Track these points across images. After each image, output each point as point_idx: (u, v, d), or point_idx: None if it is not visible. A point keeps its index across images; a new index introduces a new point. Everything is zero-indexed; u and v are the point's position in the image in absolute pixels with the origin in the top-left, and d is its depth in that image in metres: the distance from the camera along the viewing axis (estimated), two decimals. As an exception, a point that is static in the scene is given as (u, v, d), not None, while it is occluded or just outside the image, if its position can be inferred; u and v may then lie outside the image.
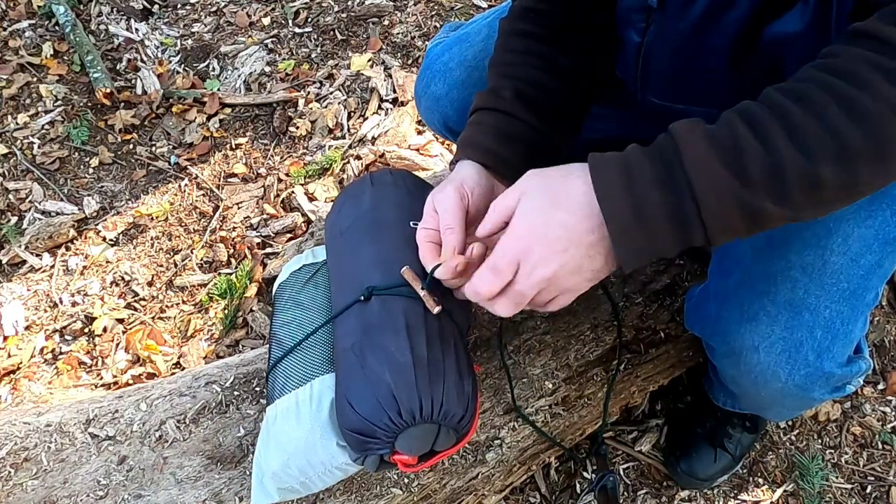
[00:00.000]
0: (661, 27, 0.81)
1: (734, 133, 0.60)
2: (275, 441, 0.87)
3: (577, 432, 1.15)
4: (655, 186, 0.61)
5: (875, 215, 0.85)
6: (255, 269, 1.69)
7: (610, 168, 0.64)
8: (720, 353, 0.92)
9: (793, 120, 0.59)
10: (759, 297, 0.85)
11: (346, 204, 0.97)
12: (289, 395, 0.88)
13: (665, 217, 0.62)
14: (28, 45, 2.19)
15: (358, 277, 0.85)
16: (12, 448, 0.99)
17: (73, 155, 1.97)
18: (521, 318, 1.13)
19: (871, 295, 0.87)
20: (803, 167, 0.59)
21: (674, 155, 0.61)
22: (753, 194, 0.60)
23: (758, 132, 0.60)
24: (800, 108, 0.59)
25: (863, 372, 0.91)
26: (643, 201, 0.62)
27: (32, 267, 1.74)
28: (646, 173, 0.62)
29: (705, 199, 0.60)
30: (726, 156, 0.60)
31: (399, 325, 0.79)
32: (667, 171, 0.61)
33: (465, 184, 0.80)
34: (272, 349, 0.97)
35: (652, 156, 0.63)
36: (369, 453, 0.81)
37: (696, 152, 0.60)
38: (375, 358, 0.78)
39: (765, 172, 0.59)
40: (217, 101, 2.06)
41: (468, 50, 1.09)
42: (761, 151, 0.59)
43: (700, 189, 0.60)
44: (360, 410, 0.77)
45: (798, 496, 1.33)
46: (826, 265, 0.84)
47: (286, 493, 0.89)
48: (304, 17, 2.25)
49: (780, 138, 0.59)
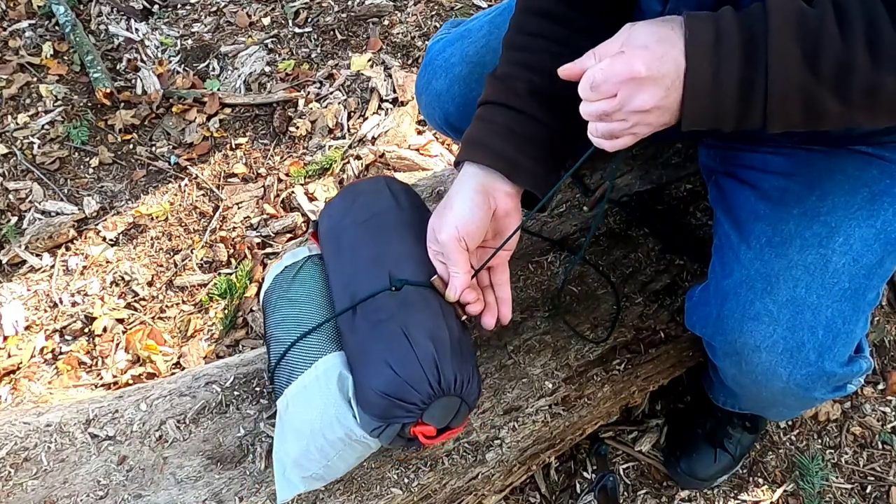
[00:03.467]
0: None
1: (822, 23, 0.64)
2: (291, 428, 0.89)
3: (577, 432, 1.15)
4: (738, 57, 0.66)
5: (877, 215, 0.84)
6: (255, 269, 1.69)
7: (704, 27, 0.67)
8: (721, 352, 0.92)
9: (876, 25, 0.63)
10: (761, 297, 0.85)
11: (360, 197, 1.01)
12: (296, 382, 0.90)
13: (736, 86, 0.66)
14: (28, 45, 2.19)
15: (383, 266, 0.90)
16: (12, 448, 0.99)
17: (73, 155, 1.97)
18: (520, 318, 1.13)
19: (872, 294, 0.86)
20: (870, 72, 0.63)
21: (761, 34, 0.65)
22: (820, 88, 0.65)
23: (843, 28, 0.63)
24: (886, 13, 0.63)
25: (864, 371, 0.91)
26: (722, 67, 0.66)
27: (32, 267, 1.74)
28: (732, 39, 0.66)
29: (775, 83, 0.65)
30: (806, 46, 0.64)
31: (435, 308, 0.87)
32: (751, 46, 0.65)
33: (462, 226, 0.82)
34: (271, 348, 0.98)
35: (742, 27, 0.66)
36: (393, 422, 0.83)
37: (781, 38, 0.64)
38: (418, 330, 0.84)
39: (836, 68, 0.64)
40: (217, 101, 2.06)
41: (470, 46, 1.09)
42: (840, 48, 0.63)
43: (773, 75, 0.65)
44: (401, 373, 0.81)
45: (798, 496, 1.33)
46: (828, 264, 0.83)
47: (310, 481, 0.91)
48: (304, 17, 2.25)
49: (859, 39, 0.63)
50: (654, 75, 0.67)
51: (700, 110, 0.68)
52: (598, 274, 1.17)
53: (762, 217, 0.87)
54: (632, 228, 1.23)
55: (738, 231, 0.89)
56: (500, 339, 1.10)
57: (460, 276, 0.85)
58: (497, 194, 0.85)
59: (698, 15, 0.68)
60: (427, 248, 0.89)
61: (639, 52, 0.67)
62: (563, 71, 0.73)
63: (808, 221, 0.84)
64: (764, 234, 0.86)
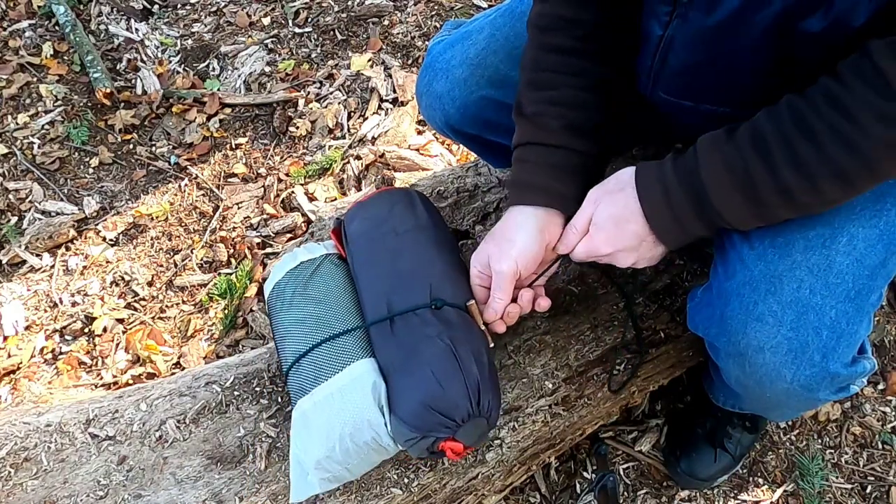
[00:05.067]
0: (685, 20, 0.80)
1: (746, 163, 0.75)
2: (317, 430, 0.89)
3: (577, 432, 1.15)
4: (689, 203, 0.80)
5: (880, 215, 0.84)
6: (255, 269, 1.69)
7: (653, 191, 0.82)
8: (725, 354, 0.92)
9: (791, 144, 0.72)
10: (765, 298, 0.84)
11: (398, 207, 1.03)
12: (325, 384, 0.90)
13: (701, 226, 0.82)
14: (28, 45, 2.19)
15: (425, 281, 0.94)
16: (12, 448, 0.99)
17: (73, 155, 1.97)
18: (520, 318, 1.13)
19: (875, 295, 0.86)
20: (806, 186, 0.73)
21: (702, 189, 0.78)
22: (770, 210, 0.77)
23: (765, 158, 0.74)
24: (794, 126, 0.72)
25: (867, 372, 0.91)
26: (681, 218, 0.81)
27: (32, 267, 1.74)
28: (681, 199, 0.80)
29: (731, 218, 0.79)
30: (743, 189, 0.76)
31: (476, 331, 0.93)
32: (696, 197, 0.79)
33: (522, 262, 0.91)
34: (287, 344, 0.96)
35: (682, 182, 0.80)
36: (430, 435, 0.85)
37: (719, 192, 0.77)
38: (465, 351, 0.88)
39: (776, 194, 0.75)
40: (217, 101, 2.06)
41: (471, 48, 1.09)
42: (771, 179, 0.74)
43: (725, 214, 0.79)
44: (448, 390, 0.85)
45: (798, 496, 1.33)
46: (832, 265, 0.83)
47: (327, 483, 0.91)
48: (304, 17, 2.25)
49: (783, 163, 0.73)
50: (619, 249, 0.86)
51: (676, 241, 0.85)
52: (603, 276, 1.17)
53: None
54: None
55: (741, 232, 0.89)
56: (500, 339, 1.10)
57: (502, 303, 0.93)
58: (551, 228, 0.92)
59: (646, 173, 0.83)
60: (468, 271, 0.97)
61: (600, 235, 0.86)
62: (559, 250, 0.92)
63: (812, 222, 0.84)
64: (767, 235, 0.86)
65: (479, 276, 0.95)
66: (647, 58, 0.89)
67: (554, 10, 0.92)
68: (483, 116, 1.09)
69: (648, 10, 0.85)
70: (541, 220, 0.91)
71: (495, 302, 0.93)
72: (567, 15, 0.91)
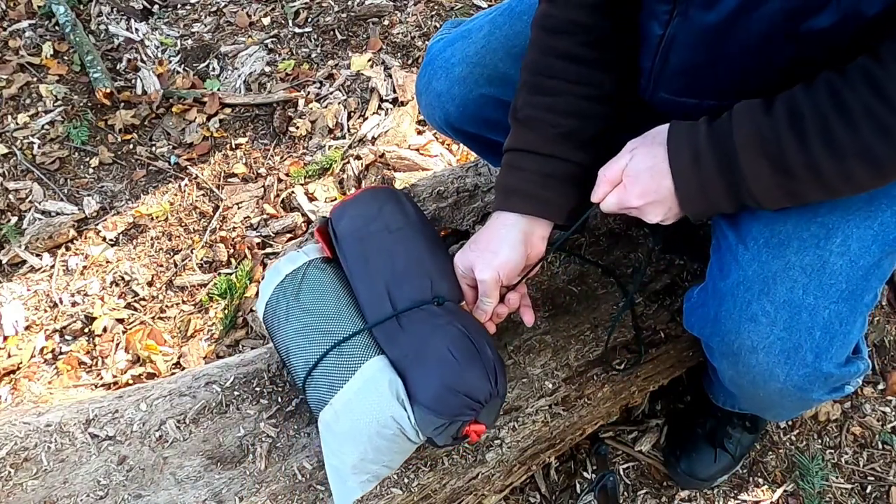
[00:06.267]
0: (686, 19, 0.79)
1: (779, 134, 0.74)
2: (345, 437, 0.90)
3: (577, 432, 1.15)
4: (717, 172, 0.78)
5: (874, 216, 0.84)
6: (255, 269, 1.69)
7: (683, 151, 0.80)
8: (719, 353, 0.92)
9: (827, 122, 0.71)
10: (759, 298, 0.85)
11: (387, 205, 1.03)
12: (341, 392, 0.90)
13: (724, 194, 0.79)
14: (28, 45, 2.19)
15: (426, 276, 0.95)
16: (12, 448, 0.99)
17: (73, 155, 1.97)
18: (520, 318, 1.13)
19: (869, 296, 0.86)
20: (835, 166, 0.72)
21: (732, 152, 0.76)
22: (796, 184, 0.75)
23: (799, 132, 0.72)
24: (838, 115, 0.71)
25: (861, 372, 0.91)
26: (708, 183, 0.79)
27: (32, 267, 1.74)
28: (710, 163, 0.78)
29: (757, 189, 0.77)
30: (772, 158, 0.74)
31: (478, 323, 0.95)
32: (725, 162, 0.77)
33: (504, 270, 0.91)
34: (295, 358, 0.96)
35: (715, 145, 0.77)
36: (457, 420, 0.87)
37: (748, 155, 0.75)
38: (477, 338, 0.90)
39: (804, 169, 0.73)
40: (217, 101, 2.06)
41: (470, 46, 1.09)
42: (801, 154, 0.73)
43: (752, 182, 0.76)
44: (469, 371, 0.87)
45: (798, 496, 1.33)
46: (825, 265, 0.83)
47: (367, 483, 0.93)
48: (304, 17, 2.25)
49: (815, 140, 0.72)
50: (650, 202, 0.83)
51: (697, 210, 0.82)
52: (606, 274, 1.17)
53: (759, 218, 0.87)
54: (632, 228, 1.23)
55: (736, 232, 0.89)
56: (500, 339, 1.10)
57: (491, 305, 0.95)
58: (534, 238, 0.92)
59: (678, 133, 0.81)
60: (454, 269, 0.97)
61: (634, 188, 0.83)
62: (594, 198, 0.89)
63: (806, 222, 0.84)
64: (761, 235, 0.86)
65: (464, 277, 0.96)
66: (646, 59, 0.88)
67: (562, 12, 0.90)
68: (482, 114, 1.09)
69: (647, 11, 0.85)
70: (525, 229, 0.91)
71: (484, 304, 0.95)
72: (575, 19, 0.89)
